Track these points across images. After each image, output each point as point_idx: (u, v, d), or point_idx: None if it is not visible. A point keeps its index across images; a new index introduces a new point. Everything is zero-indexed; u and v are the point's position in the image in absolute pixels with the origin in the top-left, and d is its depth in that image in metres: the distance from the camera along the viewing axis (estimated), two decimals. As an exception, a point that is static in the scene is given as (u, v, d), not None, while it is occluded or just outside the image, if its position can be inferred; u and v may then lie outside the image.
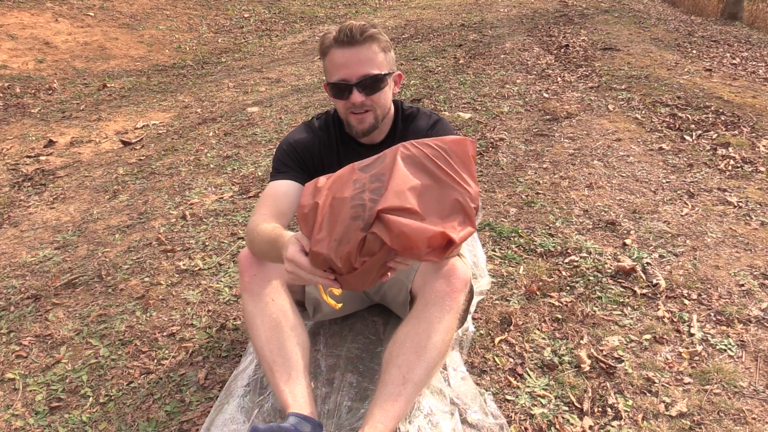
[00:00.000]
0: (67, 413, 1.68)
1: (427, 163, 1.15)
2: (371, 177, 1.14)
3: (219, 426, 1.49)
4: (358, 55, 1.41)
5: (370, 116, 1.49)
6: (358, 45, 1.41)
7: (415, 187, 1.11)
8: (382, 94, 1.47)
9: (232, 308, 2.13)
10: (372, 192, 1.11)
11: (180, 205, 3.04)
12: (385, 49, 1.46)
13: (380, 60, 1.44)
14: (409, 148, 1.17)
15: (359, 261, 1.08)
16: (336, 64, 1.43)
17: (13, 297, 2.31)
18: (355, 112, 1.47)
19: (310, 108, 4.64)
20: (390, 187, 1.10)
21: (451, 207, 1.12)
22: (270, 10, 9.76)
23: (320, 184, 1.18)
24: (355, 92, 1.43)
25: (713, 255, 2.30)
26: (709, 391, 1.62)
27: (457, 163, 1.16)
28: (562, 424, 1.53)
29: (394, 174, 1.12)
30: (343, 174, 1.18)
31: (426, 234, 1.05)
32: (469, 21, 8.09)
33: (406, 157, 1.16)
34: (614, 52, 5.84)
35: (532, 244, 2.43)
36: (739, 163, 3.15)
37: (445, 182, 1.13)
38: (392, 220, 1.05)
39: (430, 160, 1.15)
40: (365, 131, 1.51)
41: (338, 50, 1.42)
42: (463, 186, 1.14)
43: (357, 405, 1.54)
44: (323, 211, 1.12)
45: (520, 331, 1.91)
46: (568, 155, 3.35)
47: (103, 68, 6.56)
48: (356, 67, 1.41)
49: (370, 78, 1.42)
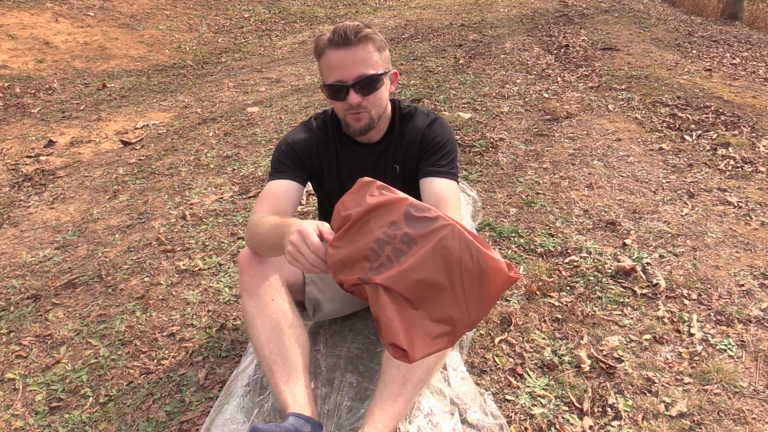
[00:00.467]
0: (67, 413, 1.68)
1: (454, 266, 1.06)
2: (404, 235, 1.08)
3: (219, 426, 1.49)
4: (353, 55, 1.41)
5: (367, 116, 1.49)
6: (352, 46, 1.40)
7: (426, 282, 1.06)
8: (379, 94, 1.48)
9: (232, 308, 2.13)
10: (393, 252, 1.07)
11: (180, 205, 3.04)
12: (380, 48, 1.46)
13: (375, 59, 1.44)
14: (454, 238, 1.07)
15: (348, 289, 1.11)
16: (331, 66, 1.43)
17: (13, 297, 2.31)
18: (352, 112, 1.47)
19: (310, 108, 4.64)
20: (405, 266, 1.05)
21: (443, 318, 1.07)
22: (270, 10, 9.76)
23: (370, 197, 1.12)
24: (352, 93, 1.43)
25: (713, 255, 2.30)
26: (709, 391, 1.62)
27: (482, 287, 1.08)
28: (562, 424, 1.53)
29: (420, 255, 1.06)
30: (391, 204, 1.10)
31: (390, 338, 1.04)
32: (469, 21, 8.09)
33: (442, 246, 1.06)
34: (614, 52, 5.84)
35: (532, 244, 2.43)
36: (739, 163, 3.15)
37: (457, 294, 1.07)
38: (380, 299, 1.05)
39: (459, 265, 1.06)
40: (362, 130, 1.51)
41: (333, 52, 1.41)
42: (469, 308, 1.08)
43: (357, 405, 1.54)
44: (352, 226, 1.10)
45: (520, 331, 1.91)
46: (568, 155, 3.35)
47: (103, 68, 6.56)
48: (352, 68, 1.41)
49: (366, 78, 1.42)
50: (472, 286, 1.07)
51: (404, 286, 1.05)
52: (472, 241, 1.08)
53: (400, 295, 1.06)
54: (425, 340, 1.06)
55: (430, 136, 1.56)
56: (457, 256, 1.06)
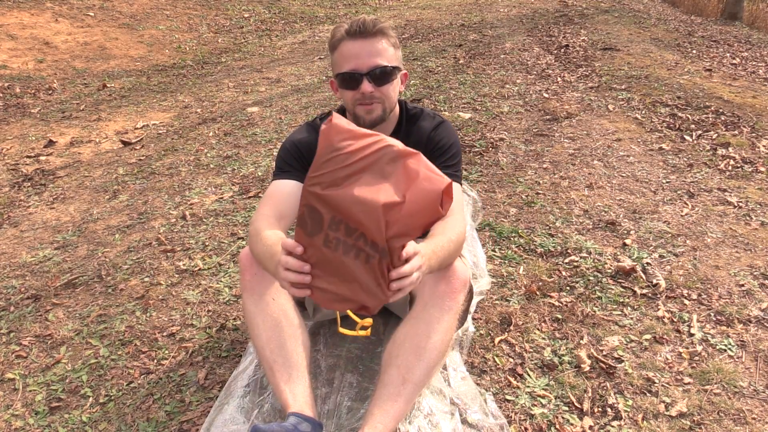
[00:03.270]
0: (67, 413, 1.68)
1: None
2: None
3: (219, 426, 1.49)
4: (370, 46, 1.44)
5: (379, 107, 1.50)
6: (370, 37, 1.44)
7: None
8: (391, 87, 1.50)
9: (232, 308, 2.13)
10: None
11: (180, 205, 3.04)
12: (395, 45, 1.50)
13: (390, 54, 1.47)
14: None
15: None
16: (346, 56, 1.45)
17: (13, 297, 2.31)
18: (363, 102, 1.48)
19: (310, 108, 4.64)
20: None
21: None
22: (270, 10, 9.76)
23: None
24: (365, 82, 1.45)
25: (713, 255, 2.30)
26: (709, 391, 1.62)
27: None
28: (562, 424, 1.53)
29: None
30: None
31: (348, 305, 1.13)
32: (469, 21, 8.09)
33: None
34: (614, 52, 5.84)
35: (532, 244, 2.43)
36: (739, 163, 3.15)
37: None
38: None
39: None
40: (373, 122, 1.51)
41: (350, 42, 1.45)
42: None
43: (357, 405, 1.54)
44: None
45: (520, 331, 1.91)
46: (568, 155, 3.35)
47: (103, 68, 6.56)
48: (367, 58, 1.44)
49: (380, 69, 1.45)
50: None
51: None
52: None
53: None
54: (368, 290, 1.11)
55: (435, 139, 1.57)
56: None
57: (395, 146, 1.14)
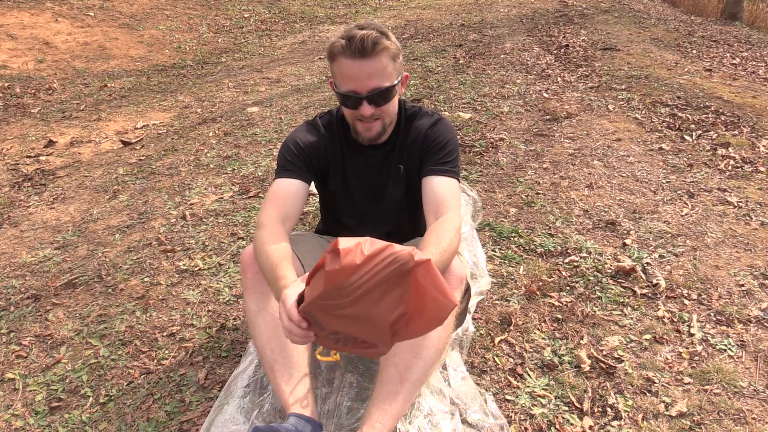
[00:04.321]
0: (67, 413, 1.68)
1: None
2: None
3: (219, 426, 1.49)
4: (369, 68, 1.39)
5: (378, 124, 1.50)
6: (368, 58, 1.38)
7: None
8: (391, 105, 1.48)
9: (232, 308, 2.13)
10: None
11: (180, 205, 3.04)
12: (395, 56, 1.44)
13: (390, 71, 1.42)
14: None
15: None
16: (345, 75, 1.41)
17: (13, 297, 2.31)
18: (362, 120, 1.48)
19: (310, 108, 4.64)
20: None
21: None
22: (270, 10, 9.76)
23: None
24: (365, 104, 1.43)
25: (713, 255, 2.30)
26: (709, 391, 1.62)
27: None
28: (562, 424, 1.53)
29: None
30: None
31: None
32: (469, 21, 8.09)
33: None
34: (614, 52, 5.84)
35: (532, 244, 2.43)
36: (739, 163, 3.15)
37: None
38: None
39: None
40: (372, 139, 1.53)
41: (348, 61, 1.39)
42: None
43: (357, 405, 1.54)
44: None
45: (520, 331, 1.91)
46: (568, 155, 3.35)
47: (103, 68, 6.56)
48: (367, 81, 1.40)
49: (380, 91, 1.42)
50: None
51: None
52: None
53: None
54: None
55: (432, 136, 1.57)
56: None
57: (403, 261, 1.04)
